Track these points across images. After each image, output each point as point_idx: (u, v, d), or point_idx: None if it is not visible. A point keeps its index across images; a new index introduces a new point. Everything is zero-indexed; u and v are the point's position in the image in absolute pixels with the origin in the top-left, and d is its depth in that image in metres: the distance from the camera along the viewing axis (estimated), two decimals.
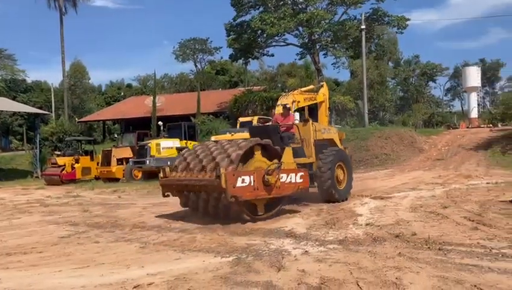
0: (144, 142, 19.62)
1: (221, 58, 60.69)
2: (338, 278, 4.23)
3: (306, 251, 5.32)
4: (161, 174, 8.41)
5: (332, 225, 6.95)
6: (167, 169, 8.34)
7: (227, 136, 15.65)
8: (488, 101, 68.69)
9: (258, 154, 7.76)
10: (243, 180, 7.03)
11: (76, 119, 46.89)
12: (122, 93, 62.05)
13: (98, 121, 47.25)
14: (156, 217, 8.62)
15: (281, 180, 7.63)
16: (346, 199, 9.78)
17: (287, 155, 8.35)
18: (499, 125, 31.32)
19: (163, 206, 10.07)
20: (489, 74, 68.88)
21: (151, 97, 36.90)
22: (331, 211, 8.40)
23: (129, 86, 68.37)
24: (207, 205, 7.74)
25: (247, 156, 7.56)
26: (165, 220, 8.12)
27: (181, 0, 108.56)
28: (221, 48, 58.02)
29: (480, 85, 47.81)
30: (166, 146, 19.02)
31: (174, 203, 10.37)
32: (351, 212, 8.16)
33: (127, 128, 37.20)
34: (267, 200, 7.73)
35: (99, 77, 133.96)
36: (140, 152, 19.04)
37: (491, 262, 4.59)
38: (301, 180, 8.05)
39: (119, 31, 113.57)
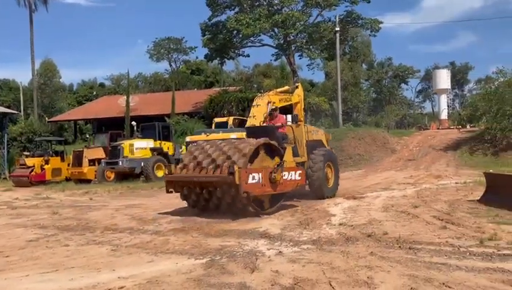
0: (117, 143, 19.30)
1: (197, 58, 60.33)
2: (311, 278, 4.26)
3: (280, 252, 5.34)
4: (166, 171, 8.96)
5: (306, 225, 7.01)
6: (172, 166, 8.80)
7: (203, 136, 15.60)
8: (458, 103, 70.79)
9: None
10: (253, 177, 7.50)
11: (47, 118, 45.54)
12: (94, 93, 60.68)
13: (69, 121, 46.11)
14: (129, 219, 8.47)
15: (283, 177, 8.14)
16: (334, 196, 10.36)
17: (288, 154, 8.89)
18: (468, 127, 32.23)
19: (136, 208, 9.93)
20: (459, 77, 71.10)
21: (125, 97, 36.33)
22: (305, 211, 8.47)
23: (102, 85, 66.93)
24: (219, 203, 8.08)
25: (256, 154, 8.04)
26: (137, 222, 8.00)
27: None
28: (196, 47, 57.57)
29: (450, 87, 49.39)
30: (139, 146, 18.78)
31: (147, 205, 10.27)
32: (325, 213, 8.25)
33: (100, 129, 36.48)
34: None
35: (70, 75, 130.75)
36: (113, 153, 18.73)
37: (459, 260, 4.71)
38: (299, 178, 8.68)
39: (91, 29, 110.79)
